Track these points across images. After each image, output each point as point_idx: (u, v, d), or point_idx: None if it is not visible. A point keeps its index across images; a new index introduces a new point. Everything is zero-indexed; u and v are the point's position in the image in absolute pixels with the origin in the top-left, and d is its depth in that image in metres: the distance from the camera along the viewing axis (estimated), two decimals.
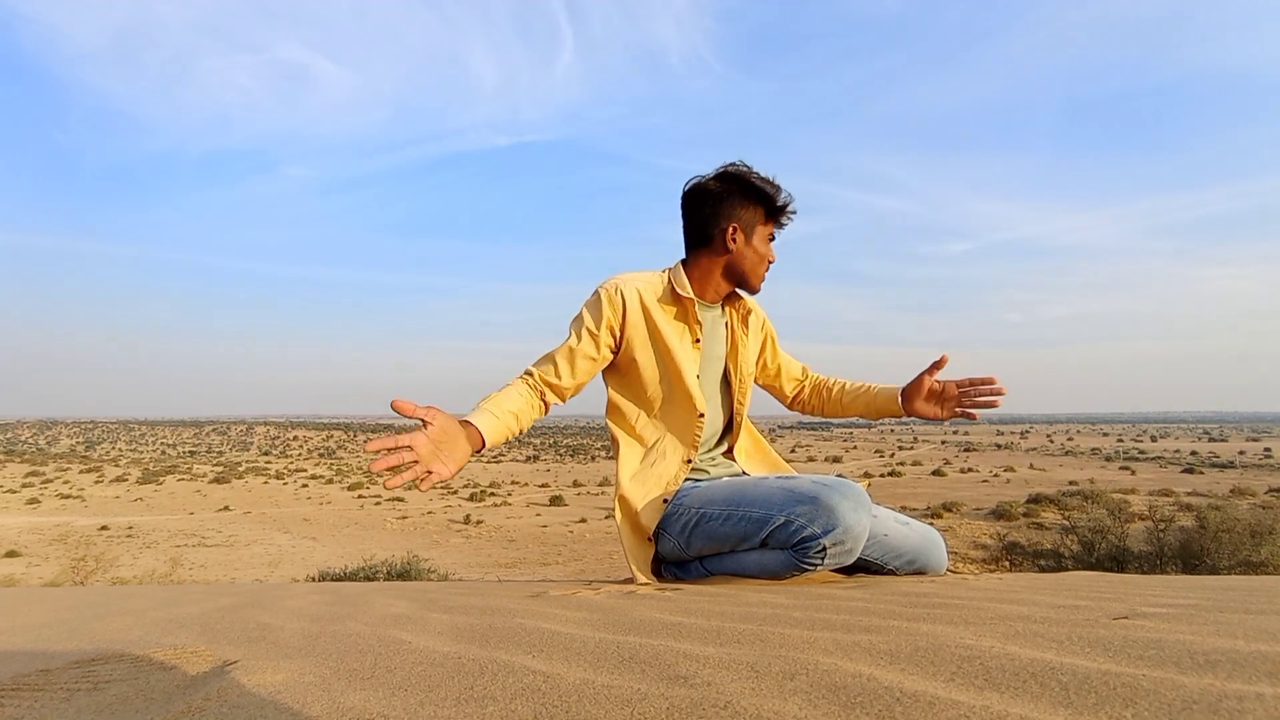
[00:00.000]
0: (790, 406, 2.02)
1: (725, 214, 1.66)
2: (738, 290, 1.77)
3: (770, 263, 1.73)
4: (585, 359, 1.63)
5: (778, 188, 1.69)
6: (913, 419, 1.80)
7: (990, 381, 1.70)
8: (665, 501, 1.63)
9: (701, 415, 1.67)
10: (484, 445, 1.45)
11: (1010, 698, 0.65)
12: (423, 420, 1.34)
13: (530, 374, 1.63)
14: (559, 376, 1.62)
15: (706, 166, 1.72)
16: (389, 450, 1.28)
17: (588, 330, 1.63)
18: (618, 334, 1.65)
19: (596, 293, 1.66)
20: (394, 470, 1.29)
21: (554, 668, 0.84)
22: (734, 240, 1.66)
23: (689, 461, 1.67)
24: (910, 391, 1.78)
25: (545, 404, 1.64)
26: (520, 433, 1.58)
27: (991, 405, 1.70)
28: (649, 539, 1.63)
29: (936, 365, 1.74)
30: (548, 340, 1.72)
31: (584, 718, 0.68)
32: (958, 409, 1.73)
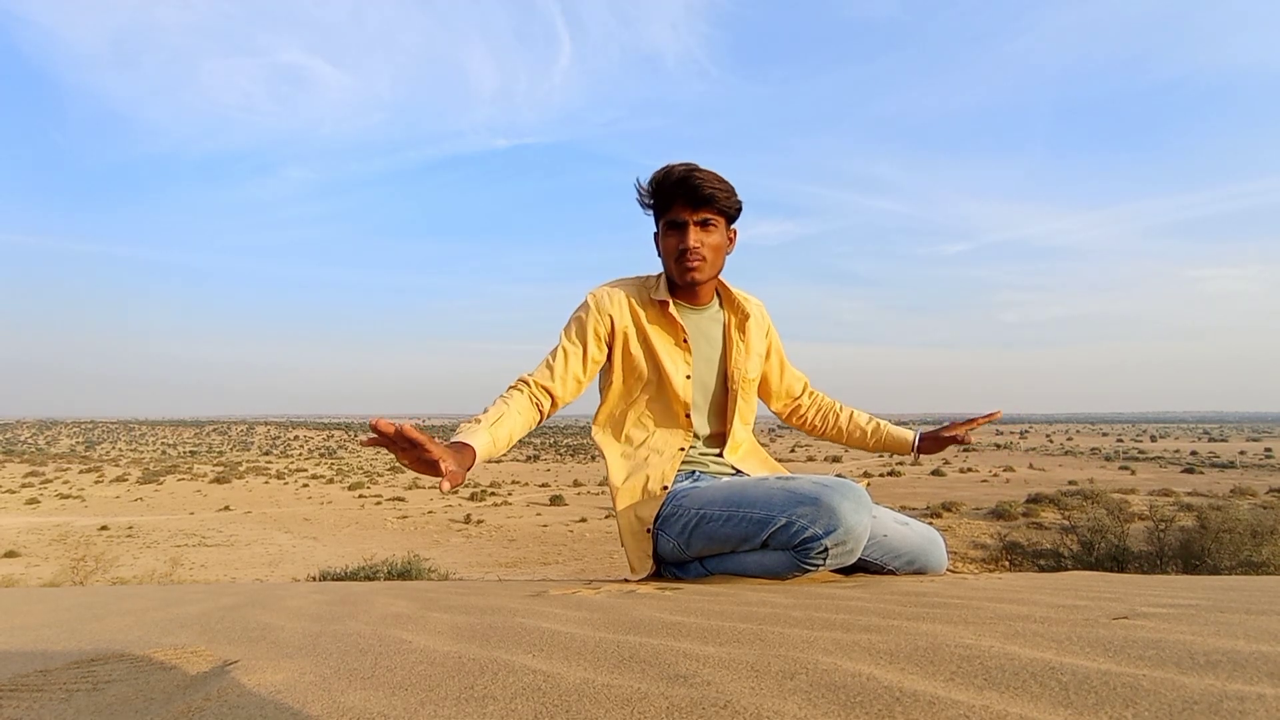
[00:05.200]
0: (786, 420, 1.99)
1: None
2: (734, 292, 1.78)
3: (682, 251, 1.63)
4: (578, 361, 1.65)
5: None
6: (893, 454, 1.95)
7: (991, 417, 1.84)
8: (665, 489, 1.63)
9: (689, 415, 1.68)
10: (473, 464, 1.38)
11: (1010, 697, 0.65)
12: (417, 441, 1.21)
13: (527, 382, 1.62)
14: (555, 380, 1.63)
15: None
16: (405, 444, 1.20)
17: (579, 334, 1.67)
18: (607, 336, 1.69)
19: (586, 299, 1.71)
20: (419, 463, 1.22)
21: (554, 667, 0.84)
22: (656, 244, 1.73)
23: (682, 449, 1.69)
24: (941, 433, 1.87)
25: (542, 413, 1.63)
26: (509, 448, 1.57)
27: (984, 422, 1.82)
28: (648, 530, 1.63)
29: (990, 417, 1.83)
30: (546, 340, 1.74)
31: (584, 717, 0.68)
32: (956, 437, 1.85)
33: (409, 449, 1.21)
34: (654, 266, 1.80)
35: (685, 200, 1.61)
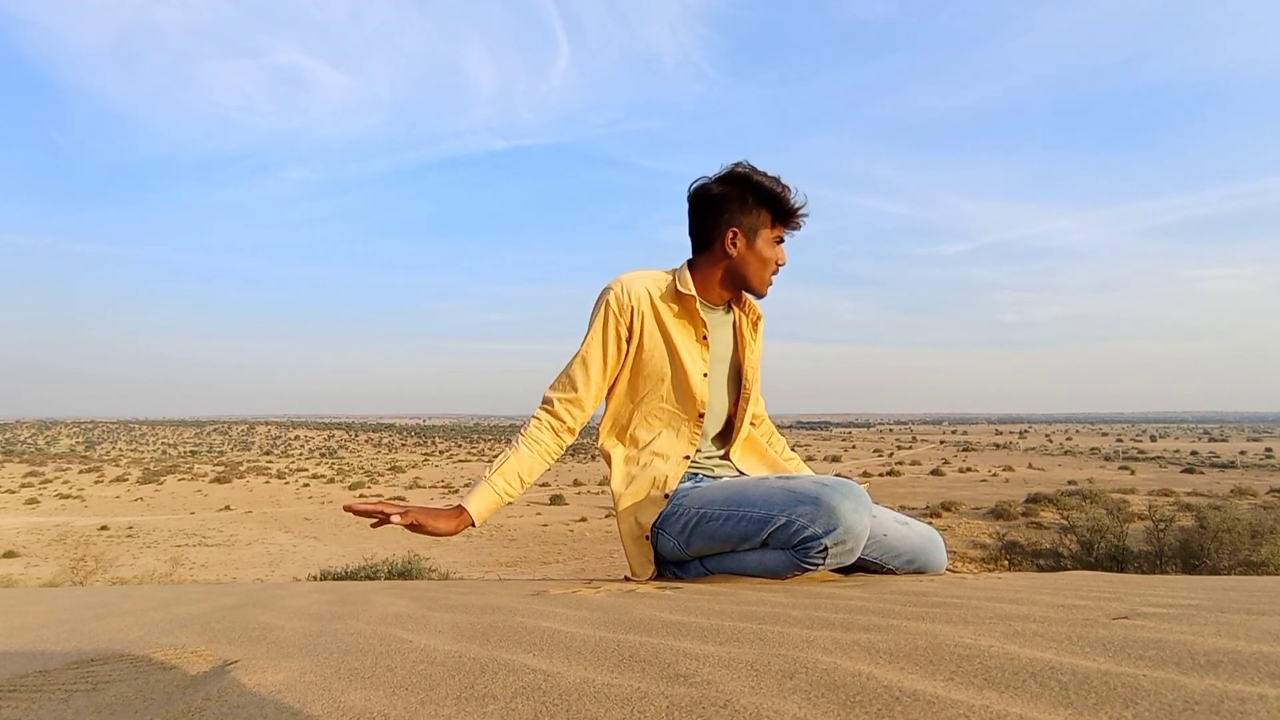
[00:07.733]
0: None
1: (726, 218, 1.64)
2: (745, 293, 1.75)
3: (779, 265, 1.69)
4: (599, 368, 1.64)
5: (786, 188, 1.63)
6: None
7: None
8: (666, 497, 1.62)
9: (702, 415, 1.66)
10: (474, 524, 1.54)
11: (1010, 697, 0.65)
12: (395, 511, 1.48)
13: (550, 403, 1.63)
14: (578, 390, 1.63)
15: (702, 170, 1.68)
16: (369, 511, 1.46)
17: (601, 338, 1.63)
18: (628, 334, 1.64)
19: (604, 294, 1.65)
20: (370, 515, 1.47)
21: (554, 666, 0.84)
22: (734, 245, 1.64)
23: (687, 458, 1.67)
24: None
25: (572, 431, 1.65)
26: (530, 483, 1.63)
27: None
28: (646, 536, 1.63)
29: None
30: (545, 340, 1.71)
31: (584, 716, 0.68)
32: None
33: (387, 520, 1.46)
34: (653, 265, 1.77)
35: (796, 225, 1.69)
